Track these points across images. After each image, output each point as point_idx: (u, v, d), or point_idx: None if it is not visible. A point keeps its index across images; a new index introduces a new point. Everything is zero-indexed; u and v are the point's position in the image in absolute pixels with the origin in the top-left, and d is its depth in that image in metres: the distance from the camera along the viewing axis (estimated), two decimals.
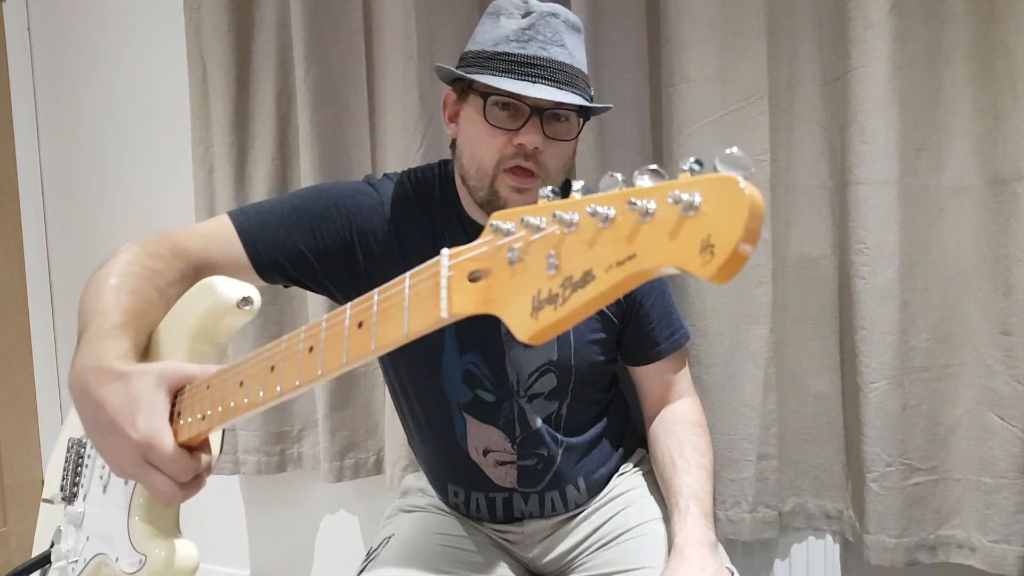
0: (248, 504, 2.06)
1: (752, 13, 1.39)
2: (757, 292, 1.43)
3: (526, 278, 0.46)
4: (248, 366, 0.69)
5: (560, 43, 1.02)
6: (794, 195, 1.46)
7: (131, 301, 0.83)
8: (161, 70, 2.04)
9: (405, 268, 0.61)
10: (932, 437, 1.39)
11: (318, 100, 1.69)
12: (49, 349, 2.33)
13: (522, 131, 1.02)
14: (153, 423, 0.69)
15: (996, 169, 1.32)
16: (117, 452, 0.70)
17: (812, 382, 1.48)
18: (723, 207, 0.38)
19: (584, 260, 0.42)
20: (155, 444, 0.68)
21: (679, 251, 0.39)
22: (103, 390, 0.71)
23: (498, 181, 1.04)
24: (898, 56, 1.33)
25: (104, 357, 0.74)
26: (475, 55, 1.05)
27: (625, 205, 0.41)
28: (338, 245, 1.08)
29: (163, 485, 0.69)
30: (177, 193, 2.03)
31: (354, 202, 1.10)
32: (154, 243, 0.95)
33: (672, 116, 1.45)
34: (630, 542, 1.13)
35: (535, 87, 0.99)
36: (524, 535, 1.19)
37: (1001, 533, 1.33)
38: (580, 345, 1.14)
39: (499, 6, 1.06)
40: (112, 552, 0.77)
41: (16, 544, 2.29)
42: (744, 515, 1.46)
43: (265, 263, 1.04)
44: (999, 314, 1.33)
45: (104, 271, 0.88)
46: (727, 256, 0.37)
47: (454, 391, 1.13)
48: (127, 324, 0.79)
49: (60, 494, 0.88)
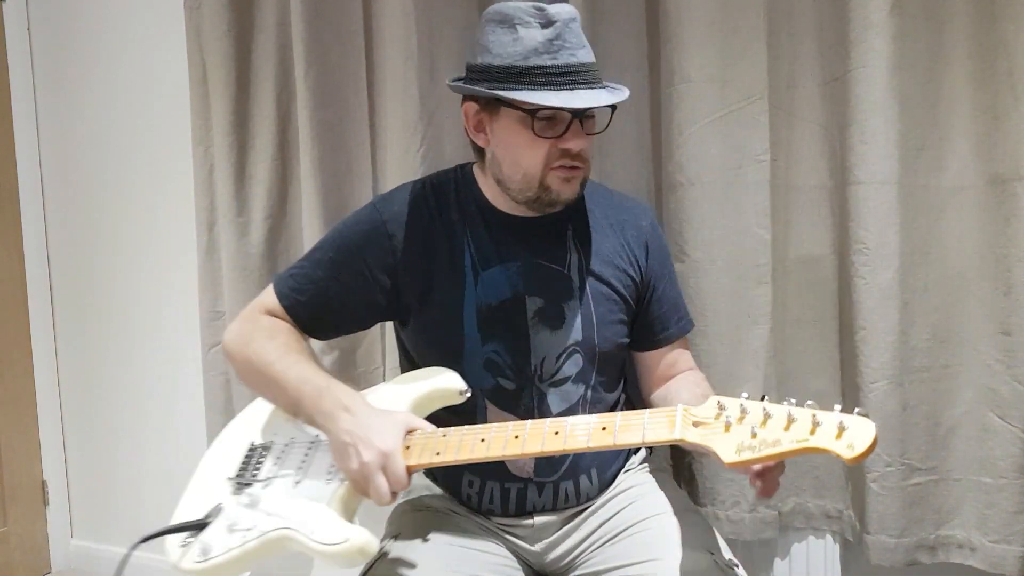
0: None
1: (752, 13, 1.39)
2: (757, 292, 1.43)
3: (735, 435, 0.82)
4: (493, 429, 1.01)
5: (583, 44, 1.08)
6: (794, 195, 1.46)
7: (310, 365, 1.12)
8: (161, 70, 2.04)
9: (430, 266, 1.11)
10: (932, 437, 1.39)
11: (318, 100, 1.69)
12: (49, 349, 2.33)
13: (567, 137, 1.09)
14: (396, 446, 1.00)
15: (996, 169, 1.32)
16: (364, 456, 0.98)
17: (812, 382, 1.48)
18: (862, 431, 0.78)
19: (778, 435, 0.79)
20: (394, 458, 0.98)
21: (836, 444, 0.76)
22: (366, 420, 1.03)
23: (548, 179, 1.12)
24: (898, 56, 1.33)
25: (354, 403, 1.05)
26: (504, 70, 1.07)
27: (811, 416, 0.79)
28: (360, 282, 1.19)
29: (385, 489, 0.98)
30: (177, 193, 2.03)
31: (361, 236, 1.20)
32: (269, 325, 1.19)
33: (672, 116, 1.45)
34: (637, 536, 1.14)
35: (576, 95, 1.06)
36: (534, 529, 1.19)
37: (1001, 533, 1.34)
38: (603, 325, 1.19)
39: (508, 15, 1.07)
40: (305, 529, 1.01)
41: (16, 544, 2.29)
42: (744, 515, 1.46)
43: (319, 334, 1.25)
44: (999, 314, 1.34)
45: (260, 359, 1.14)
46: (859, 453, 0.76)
47: (476, 379, 1.16)
48: (331, 379, 1.09)
49: (236, 479, 1.11)
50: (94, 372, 2.28)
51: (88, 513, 2.37)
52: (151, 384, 2.19)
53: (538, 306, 1.17)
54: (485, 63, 1.09)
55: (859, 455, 0.73)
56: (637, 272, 1.24)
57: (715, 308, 1.43)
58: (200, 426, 1.96)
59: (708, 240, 1.44)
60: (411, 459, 1.00)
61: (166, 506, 1.16)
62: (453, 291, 1.17)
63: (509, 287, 1.17)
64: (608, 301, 1.20)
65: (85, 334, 2.28)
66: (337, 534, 1.00)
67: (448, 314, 1.17)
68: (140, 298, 2.17)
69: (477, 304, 1.16)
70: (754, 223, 1.42)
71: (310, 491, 1.07)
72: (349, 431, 1.01)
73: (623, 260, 1.23)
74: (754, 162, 1.42)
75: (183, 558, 1.05)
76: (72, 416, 2.35)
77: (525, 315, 1.17)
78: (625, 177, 1.54)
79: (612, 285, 1.20)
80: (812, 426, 0.77)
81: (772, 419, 0.80)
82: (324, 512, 1.03)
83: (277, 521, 1.04)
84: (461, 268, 1.17)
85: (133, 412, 2.23)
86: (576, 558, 1.18)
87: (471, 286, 1.17)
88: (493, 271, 1.17)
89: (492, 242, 1.18)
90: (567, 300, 1.18)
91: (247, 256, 1.81)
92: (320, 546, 1.00)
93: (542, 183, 1.12)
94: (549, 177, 1.11)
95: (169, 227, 2.09)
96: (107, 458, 2.29)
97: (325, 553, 1.00)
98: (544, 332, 1.17)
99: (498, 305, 1.17)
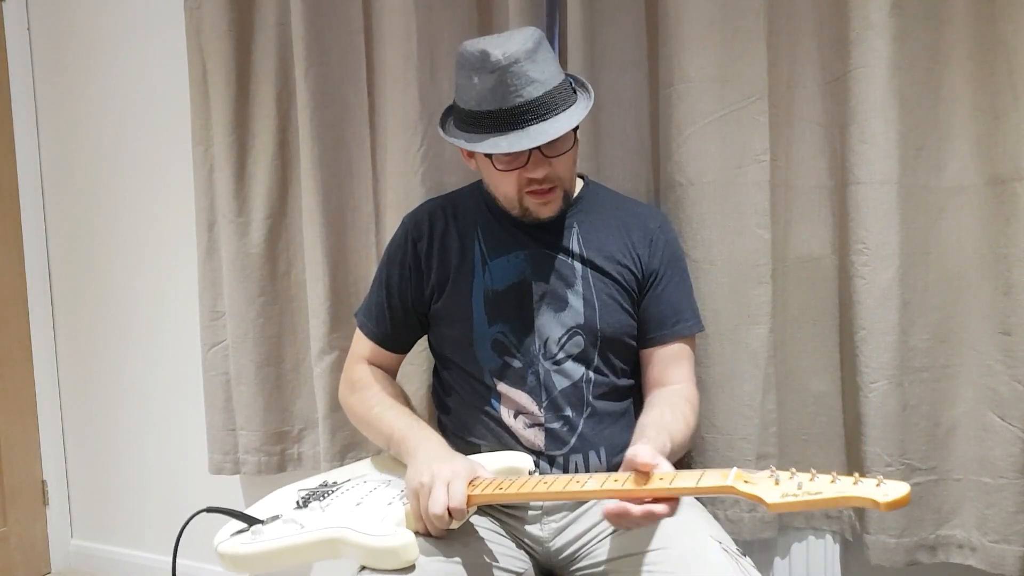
0: (248, 504, 2.06)
1: (752, 13, 1.39)
2: (757, 292, 1.43)
3: (780, 486, 0.90)
4: (550, 478, 1.07)
5: (530, 81, 1.13)
6: (794, 195, 1.46)
7: (405, 413, 1.29)
8: (161, 70, 2.04)
9: (447, 262, 1.30)
10: (932, 437, 1.39)
11: (318, 100, 1.70)
12: (49, 349, 2.33)
13: (528, 168, 1.19)
14: (464, 471, 1.09)
15: (996, 169, 1.32)
16: (434, 469, 1.08)
17: (812, 382, 1.48)
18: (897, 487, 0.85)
19: (821, 487, 0.87)
20: (459, 478, 1.07)
21: (874, 492, 0.85)
22: (443, 452, 1.17)
23: (525, 202, 1.23)
24: (898, 56, 1.33)
25: (434, 442, 1.20)
26: (466, 115, 1.19)
27: (856, 478, 0.87)
28: (404, 286, 1.35)
29: (442, 499, 1.05)
30: (177, 193, 2.04)
31: (397, 248, 1.36)
32: (366, 376, 1.37)
33: (671, 116, 1.45)
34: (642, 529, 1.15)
35: (525, 133, 1.14)
36: (543, 511, 1.22)
37: (1001, 533, 1.34)
38: (605, 310, 1.26)
39: (465, 59, 1.16)
40: (358, 527, 1.09)
41: (16, 544, 2.29)
42: (743, 515, 1.46)
43: (399, 347, 1.41)
44: (999, 314, 1.34)
45: (363, 406, 1.34)
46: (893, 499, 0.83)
47: (486, 358, 1.27)
48: (423, 426, 1.24)
49: (301, 498, 1.22)
50: (94, 372, 2.28)
51: (88, 513, 2.37)
52: (151, 384, 2.19)
53: (543, 291, 1.27)
54: (457, 105, 1.22)
55: (893, 501, 0.83)
56: (638, 268, 1.29)
57: (715, 308, 1.43)
58: (200, 426, 1.96)
59: (708, 240, 1.44)
60: (474, 491, 1.08)
61: (166, 506, 1.16)
62: (464, 279, 1.29)
63: (516, 273, 1.27)
64: (610, 289, 1.27)
65: (85, 334, 2.29)
66: (386, 528, 1.08)
67: (459, 299, 1.28)
68: (140, 298, 2.18)
69: (485, 289, 1.27)
70: (754, 223, 1.42)
71: (370, 509, 1.15)
72: (426, 459, 1.13)
73: (624, 256, 1.28)
74: (754, 162, 1.42)
75: (229, 544, 1.13)
76: (72, 416, 2.35)
77: (531, 299, 1.26)
78: (625, 177, 1.54)
79: (612, 276, 1.27)
80: (855, 481, 0.86)
81: (819, 477, 0.89)
82: (379, 517, 1.12)
83: (332, 523, 1.12)
84: (472, 259, 1.29)
85: (133, 412, 2.23)
86: (582, 547, 1.20)
87: (480, 274, 1.28)
88: (501, 260, 1.28)
89: (501, 236, 1.30)
90: (570, 286, 1.27)
91: (247, 256, 1.81)
92: (367, 538, 1.07)
93: (521, 204, 1.23)
94: (527, 200, 1.23)
95: (169, 227, 2.09)
96: (107, 458, 2.29)
97: (370, 545, 1.06)
98: (548, 314, 1.26)
99: (504, 290, 1.27)
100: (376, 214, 1.76)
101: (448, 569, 1.10)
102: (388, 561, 1.05)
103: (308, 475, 1.88)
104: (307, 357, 1.84)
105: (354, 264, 1.76)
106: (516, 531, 1.24)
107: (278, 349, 1.85)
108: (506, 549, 1.20)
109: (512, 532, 1.24)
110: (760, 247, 1.43)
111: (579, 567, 1.20)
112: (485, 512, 1.25)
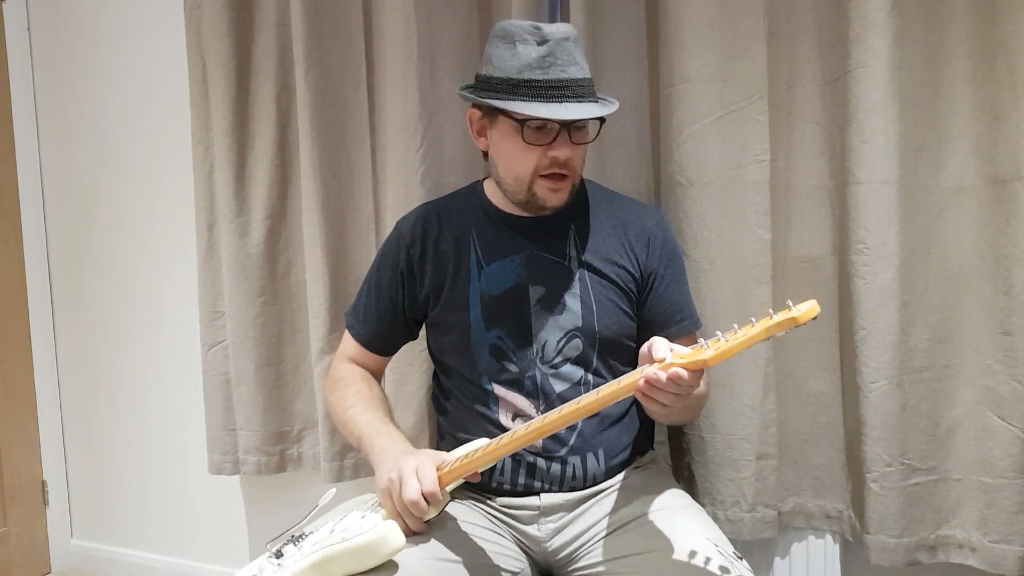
0: (248, 504, 2.07)
1: (752, 13, 1.39)
2: (757, 292, 1.43)
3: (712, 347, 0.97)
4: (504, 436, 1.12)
5: (575, 61, 1.17)
6: (794, 195, 1.46)
7: (376, 417, 1.30)
8: (161, 70, 2.04)
9: (442, 267, 1.30)
10: (932, 437, 1.39)
11: (318, 100, 1.70)
12: (49, 349, 2.33)
13: (554, 146, 1.19)
14: (428, 459, 1.14)
15: (996, 169, 1.32)
16: (400, 463, 1.13)
17: (812, 382, 1.48)
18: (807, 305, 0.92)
19: (745, 332, 0.96)
20: (425, 465, 1.11)
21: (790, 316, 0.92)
22: (407, 447, 1.21)
23: (535, 186, 1.22)
24: (898, 56, 1.33)
25: (398, 444, 1.22)
26: (501, 81, 1.18)
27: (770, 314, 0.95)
28: (396, 289, 1.35)
29: (415, 487, 1.09)
30: (177, 193, 2.03)
31: (390, 251, 1.37)
32: (348, 375, 1.39)
33: (671, 116, 1.45)
34: (642, 528, 1.17)
35: (563, 107, 1.15)
36: (540, 509, 1.22)
37: (1001, 533, 1.34)
38: (603, 313, 1.26)
39: (510, 32, 1.18)
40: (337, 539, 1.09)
41: (16, 544, 2.29)
42: (743, 515, 1.46)
43: (385, 350, 1.42)
44: (999, 314, 1.34)
45: (340, 405, 1.35)
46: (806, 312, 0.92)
47: (484, 363, 1.27)
48: (392, 430, 1.27)
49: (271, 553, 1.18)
50: (94, 372, 2.28)
51: (88, 513, 2.37)
52: (151, 384, 2.19)
53: (540, 294, 1.26)
54: (487, 74, 1.20)
55: (807, 312, 0.90)
56: (636, 268, 1.29)
57: (715, 308, 1.43)
58: (200, 426, 1.96)
59: (708, 240, 1.44)
60: (442, 471, 1.12)
61: (166, 506, 1.16)
62: (460, 285, 1.28)
63: (513, 277, 1.27)
64: (608, 291, 1.27)
65: (85, 334, 2.28)
66: (365, 526, 1.09)
67: (456, 305, 1.28)
68: (140, 298, 2.17)
69: (482, 294, 1.27)
70: (754, 223, 1.42)
71: (345, 526, 1.14)
72: (391, 458, 1.16)
73: (622, 257, 1.28)
74: (754, 162, 1.42)
75: None
76: (72, 416, 2.35)
77: (528, 302, 1.26)
78: (625, 177, 1.54)
79: (610, 278, 1.27)
80: (770, 316, 0.93)
81: (740, 329, 0.96)
82: (357, 525, 1.11)
83: (312, 551, 1.10)
84: (467, 265, 1.29)
85: (133, 412, 2.23)
86: (580, 548, 1.20)
87: (476, 279, 1.28)
88: (497, 265, 1.28)
89: (497, 240, 1.29)
90: (567, 289, 1.26)
91: (247, 256, 1.81)
92: (351, 541, 1.06)
93: (531, 188, 1.23)
94: (537, 184, 1.22)
95: (169, 227, 2.09)
96: (107, 458, 2.29)
97: (357, 544, 1.06)
98: (545, 318, 1.26)
99: (501, 294, 1.27)
100: (376, 214, 1.76)
101: (447, 569, 1.10)
102: (379, 552, 1.05)
103: (308, 475, 1.91)
104: (307, 357, 1.84)
105: (354, 264, 1.76)
106: (514, 531, 1.24)
107: (278, 349, 1.85)
108: (504, 549, 1.20)
109: (510, 532, 1.24)
110: (760, 247, 1.43)
111: (576, 567, 1.20)
112: (483, 512, 1.25)
